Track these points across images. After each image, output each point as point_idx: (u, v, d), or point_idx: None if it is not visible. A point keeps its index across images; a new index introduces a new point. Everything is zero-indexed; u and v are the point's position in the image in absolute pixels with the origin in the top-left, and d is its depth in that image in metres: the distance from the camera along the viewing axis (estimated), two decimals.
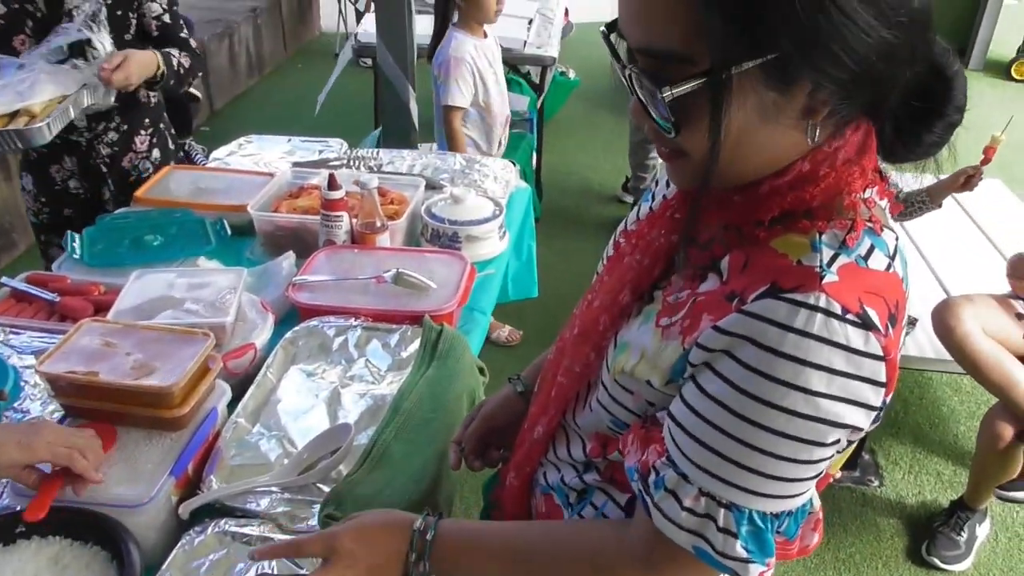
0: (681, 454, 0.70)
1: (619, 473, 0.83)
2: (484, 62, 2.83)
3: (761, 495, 0.68)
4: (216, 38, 5.06)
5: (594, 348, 0.83)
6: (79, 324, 1.19)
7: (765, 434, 0.65)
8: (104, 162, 1.99)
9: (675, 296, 0.75)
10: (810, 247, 0.66)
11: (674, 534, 0.71)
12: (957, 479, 2.57)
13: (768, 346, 0.64)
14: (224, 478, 1.11)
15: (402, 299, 1.51)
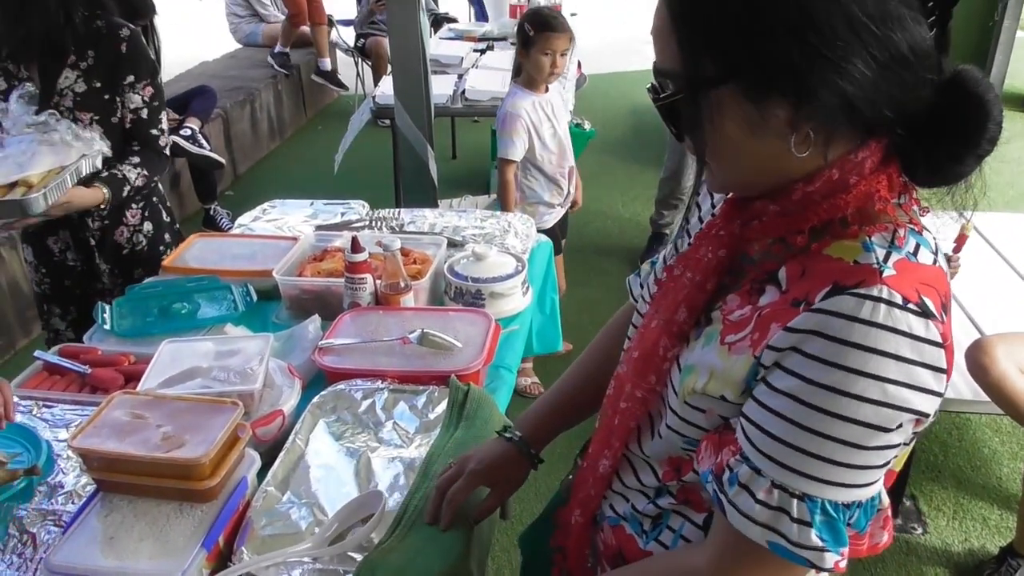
0: (754, 449, 0.73)
1: (694, 494, 0.86)
2: (540, 116, 2.91)
3: (832, 484, 0.71)
4: (238, 105, 5.21)
5: (655, 372, 0.86)
6: (110, 397, 1.20)
7: (836, 422, 0.69)
8: (94, 235, 2.02)
9: (737, 314, 0.79)
10: (862, 248, 0.71)
11: (748, 529, 0.73)
12: (1004, 524, 2.48)
13: (836, 337, 0.68)
14: (255, 549, 1.10)
15: (428, 359, 1.51)
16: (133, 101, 1.96)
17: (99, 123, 1.91)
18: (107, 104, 1.92)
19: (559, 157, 3.01)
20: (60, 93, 1.87)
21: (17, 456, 1.30)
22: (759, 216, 0.78)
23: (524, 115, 2.88)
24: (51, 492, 1.25)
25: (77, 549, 1.05)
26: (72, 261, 2.05)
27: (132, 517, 1.10)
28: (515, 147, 2.89)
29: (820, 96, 0.68)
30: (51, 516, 1.20)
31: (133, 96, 1.96)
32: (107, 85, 1.91)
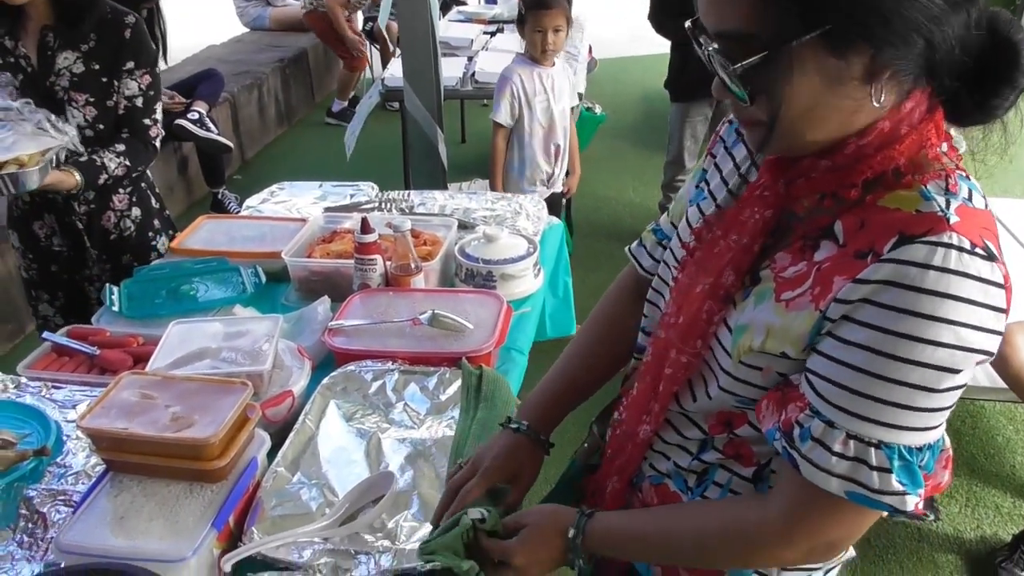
0: (826, 403, 0.74)
1: (744, 447, 0.87)
2: (536, 86, 2.92)
3: (907, 429, 0.72)
4: (245, 90, 5.18)
5: (702, 336, 0.85)
6: (119, 378, 1.19)
7: (912, 368, 0.70)
8: (81, 219, 2.00)
9: (791, 271, 0.79)
10: (921, 198, 0.72)
11: (825, 482, 0.74)
12: (1017, 512, 2.46)
13: (911, 285, 0.69)
14: (266, 529, 1.09)
15: (439, 341, 1.49)
16: (130, 88, 1.94)
17: (94, 105, 1.89)
18: (104, 87, 1.91)
19: (547, 132, 3.03)
20: (57, 73, 1.85)
21: (26, 436, 1.30)
22: (806, 173, 0.78)
23: (516, 79, 2.92)
24: (60, 473, 1.25)
25: (87, 529, 1.04)
26: (58, 246, 2.03)
27: (142, 497, 1.09)
28: (501, 110, 2.95)
29: (908, 40, 0.67)
30: (61, 496, 1.20)
31: (130, 83, 1.94)
32: (106, 69, 1.90)
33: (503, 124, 2.98)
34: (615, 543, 0.91)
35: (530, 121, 2.98)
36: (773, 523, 0.81)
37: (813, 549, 0.81)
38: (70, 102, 1.87)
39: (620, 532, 0.91)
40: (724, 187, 0.92)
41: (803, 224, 0.80)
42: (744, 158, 0.91)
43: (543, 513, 0.96)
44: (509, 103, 2.94)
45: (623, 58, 6.87)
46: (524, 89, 2.93)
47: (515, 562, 0.92)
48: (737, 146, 0.93)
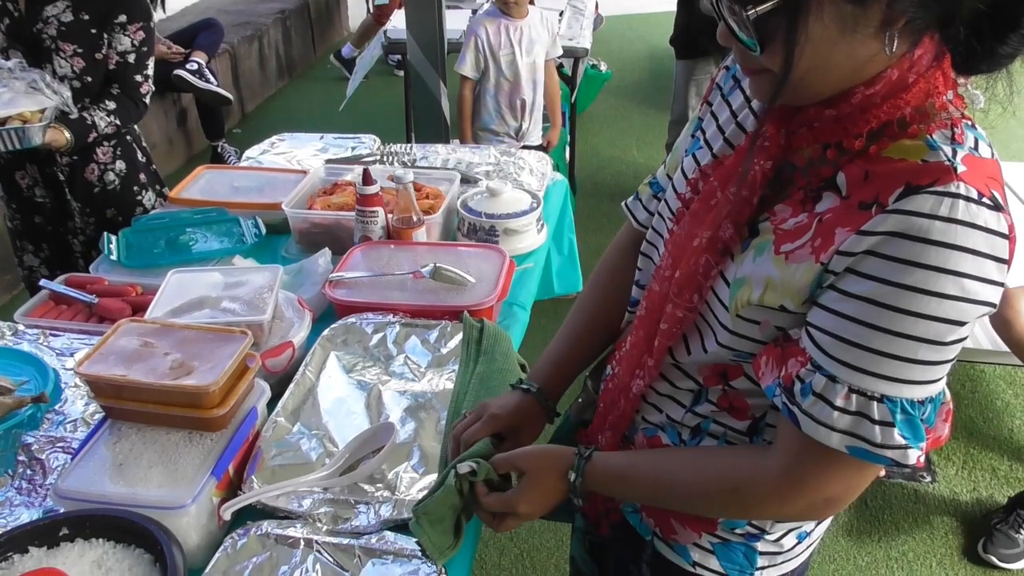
0: (828, 357, 0.72)
1: (739, 400, 0.86)
2: (502, 39, 2.89)
3: (910, 382, 0.71)
4: (245, 41, 5.09)
5: (698, 290, 0.83)
6: (117, 325, 1.17)
7: (916, 320, 0.68)
8: (63, 171, 1.97)
9: (792, 222, 0.76)
10: (927, 147, 0.70)
11: (826, 437, 0.73)
12: (1014, 475, 2.47)
13: (918, 236, 0.67)
14: (265, 479, 1.08)
15: (440, 294, 1.48)
16: (122, 43, 1.89)
17: (81, 56, 1.84)
18: (93, 39, 1.85)
19: (512, 87, 3.02)
20: (44, 20, 1.80)
21: (24, 384, 1.29)
22: (810, 123, 0.75)
23: (481, 32, 2.94)
24: (59, 420, 1.24)
25: (86, 475, 1.04)
26: (40, 197, 2.00)
27: (141, 445, 1.08)
28: (466, 62, 2.98)
29: None
30: (59, 443, 1.19)
31: (123, 38, 1.89)
32: (96, 20, 1.84)
33: (468, 76, 3.00)
34: (613, 484, 0.92)
35: (496, 74, 3.00)
36: (771, 478, 0.80)
37: (812, 505, 0.80)
38: (57, 51, 1.82)
39: (618, 474, 0.91)
40: (720, 136, 0.89)
41: (804, 175, 0.77)
42: (741, 105, 0.88)
43: (539, 457, 0.95)
44: (474, 55, 2.95)
45: (630, 15, 6.74)
46: (489, 42, 2.93)
47: (520, 511, 0.93)
48: (733, 93, 0.90)
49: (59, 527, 0.96)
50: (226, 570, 0.97)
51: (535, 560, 2.21)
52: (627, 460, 0.93)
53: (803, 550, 0.98)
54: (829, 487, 0.78)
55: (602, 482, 0.91)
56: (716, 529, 0.94)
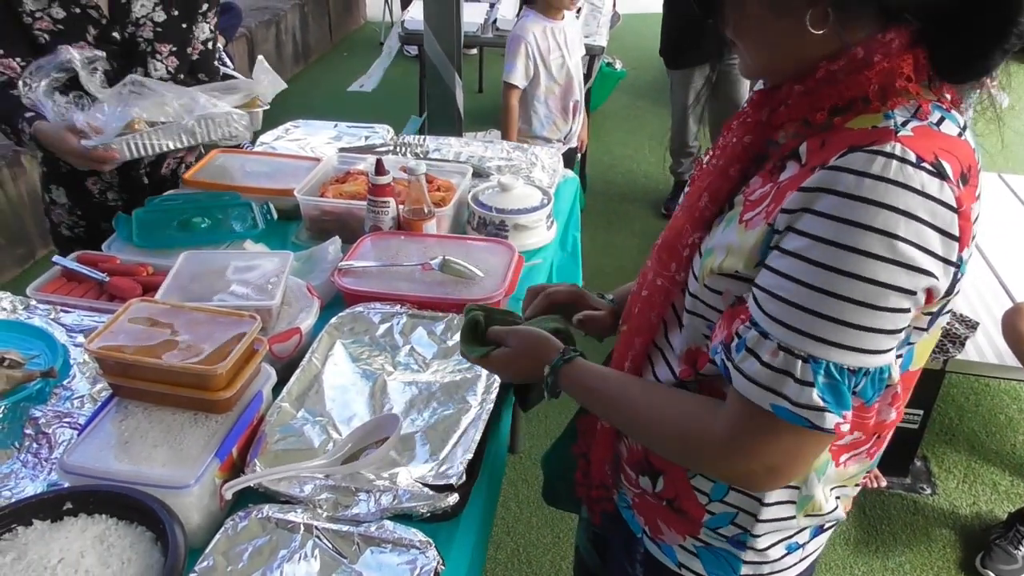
0: (762, 313, 0.74)
1: (715, 386, 0.86)
2: (550, 43, 2.83)
3: (838, 345, 0.70)
4: (263, 26, 5.10)
5: (676, 259, 0.86)
6: (128, 304, 1.18)
7: (843, 279, 0.68)
8: (145, 171, 1.90)
9: (758, 193, 0.79)
10: (883, 118, 0.71)
11: (751, 392, 0.74)
12: (1015, 490, 2.47)
13: (846, 192, 0.68)
14: (268, 462, 1.09)
15: (448, 287, 1.48)
16: (203, 32, 1.82)
17: (176, 55, 1.76)
18: (184, 34, 1.76)
19: (564, 90, 2.94)
20: (136, 23, 1.69)
21: (34, 358, 1.30)
22: (785, 100, 0.78)
23: (531, 39, 2.82)
24: (67, 395, 1.25)
25: (92, 451, 1.05)
26: (113, 201, 1.88)
27: (147, 424, 1.09)
28: (516, 71, 2.85)
29: None
30: (67, 418, 1.20)
31: (203, 26, 1.81)
32: (184, 14, 1.75)
33: (517, 86, 2.88)
34: (579, 391, 0.96)
35: (547, 80, 2.89)
36: (716, 434, 0.80)
37: (751, 472, 0.79)
38: (154, 55, 1.73)
39: (588, 384, 0.95)
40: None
41: (777, 150, 0.80)
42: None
43: (527, 338, 1.03)
44: (524, 63, 2.83)
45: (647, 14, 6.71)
46: (539, 48, 2.82)
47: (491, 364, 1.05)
48: None
49: (63, 501, 0.98)
50: (226, 551, 0.98)
51: (531, 555, 2.22)
52: (600, 375, 0.95)
53: (794, 562, 0.96)
54: (768, 453, 0.77)
55: (572, 385, 0.96)
56: (699, 532, 0.94)
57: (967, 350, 2.25)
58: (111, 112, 1.58)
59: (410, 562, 0.97)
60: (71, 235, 1.92)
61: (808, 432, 0.74)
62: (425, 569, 0.96)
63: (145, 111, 1.62)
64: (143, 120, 1.63)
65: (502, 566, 2.18)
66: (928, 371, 2.21)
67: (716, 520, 0.92)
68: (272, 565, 0.97)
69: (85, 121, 1.56)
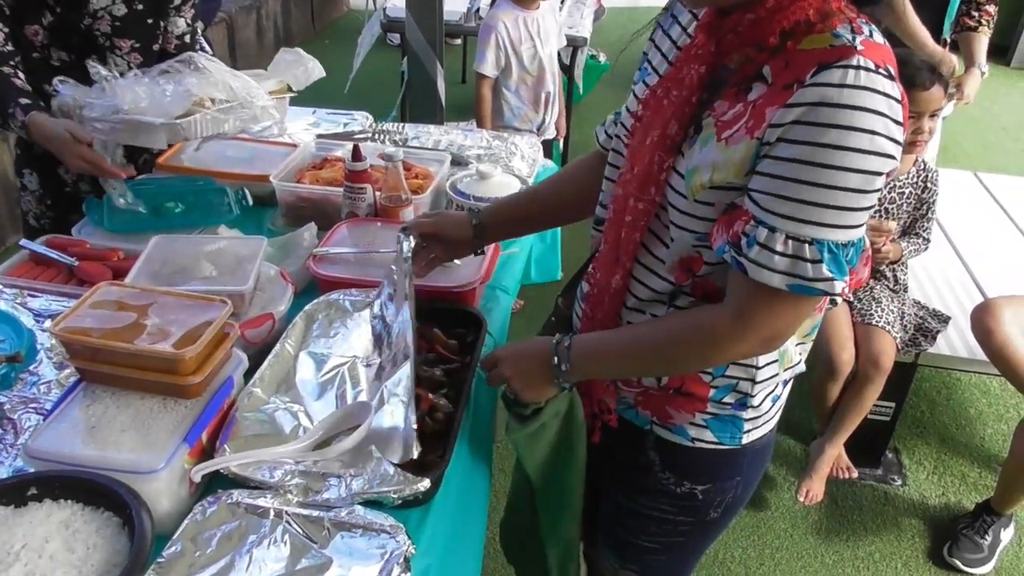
0: (768, 212, 0.86)
1: (708, 284, 0.99)
2: (522, 33, 2.82)
3: (835, 227, 0.85)
4: (244, 11, 5.04)
5: (655, 183, 0.96)
6: (96, 287, 1.17)
7: (838, 173, 0.82)
8: (120, 163, 1.76)
9: (730, 113, 0.90)
10: (832, 37, 0.84)
11: (770, 279, 0.88)
12: (982, 482, 2.51)
13: (833, 102, 0.81)
14: (238, 448, 1.08)
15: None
16: (178, 26, 1.77)
17: (139, 51, 1.71)
18: (150, 30, 1.69)
19: (536, 81, 2.95)
20: (94, 15, 1.63)
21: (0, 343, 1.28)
22: (734, 29, 0.89)
23: (501, 28, 2.83)
24: (33, 381, 1.23)
25: (58, 436, 1.03)
26: (86, 192, 1.83)
27: (115, 408, 1.08)
28: (487, 60, 2.86)
29: None
30: (32, 404, 1.19)
31: (178, 20, 1.76)
32: (151, 8, 1.69)
33: (488, 75, 2.89)
34: (592, 363, 1.06)
35: (518, 70, 2.90)
36: (728, 322, 0.94)
37: (763, 340, 0.95)
38: (112, 49, 1.67)
39: (595, 349, 1.05)
40: (665, 61, 1.03)
41: (734, 75, 0.91)
42: (679, 34, 1.03)
43: (514, 344, 1.13)
44: (495, 53, 2.85)
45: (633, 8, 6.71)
46: (510, 37, 2.83)
47: (499, 353, 1.10)
48: (673, 27, 1.05)
49: (27, 486, 0.96)
50: (194, 536, 0.97)
51: None
52: (598, 337, 1.07)
53: (775, 413, 1.15)
54: (774, 323, 0.93)
55: (584, 356, 1.05)
56: (707, 407, 1.08)
57: (939, 344, 2.28)
58: (174, 91, 1.53)
59: (380, 547, 0.97)
60: (37, 226, 1.86)
61: (807, 300, 0.90)
62: (396, 553, 0.96)
63: (200, 90, 1.59)
64: (207, 99, 1.59)
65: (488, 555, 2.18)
66: (901, 365, 2.24)
67: (720, 392, 1.07)
68: (241, 550, 0.96)
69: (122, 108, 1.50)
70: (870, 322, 2.20)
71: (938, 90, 2.07)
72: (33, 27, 1.60)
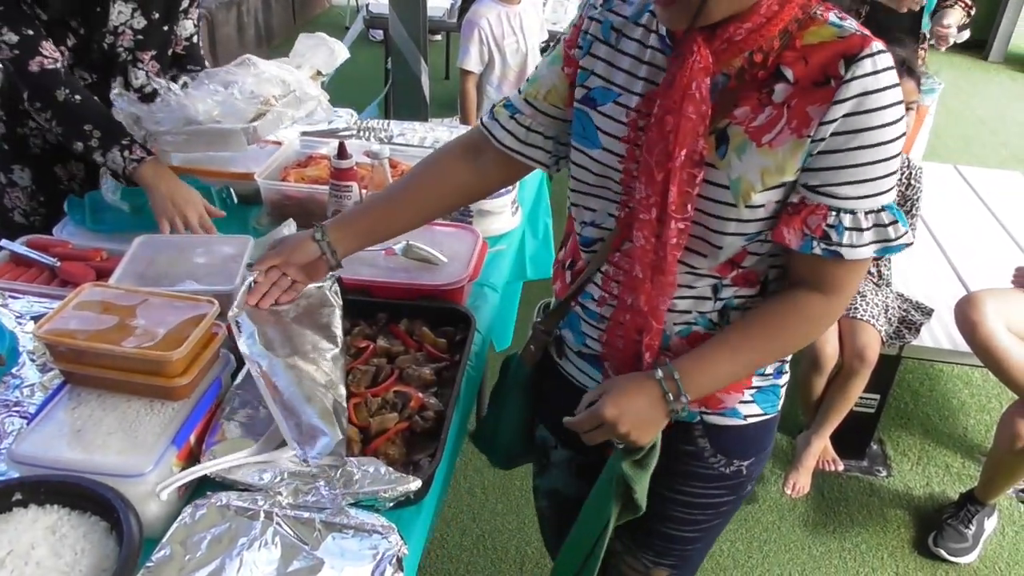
0: (846, 199, 0.93)
1: (749, 274, 1.03)
2: (505, 28, 2.82)
3: (890, 190, 0.95)
4: (224, 7, 5.00)
5: (691, 201, 0.97)
6: (80, 288, 1.15)
7: (887, 146, 0.91)
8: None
9: (762, 118, 0.94)
10: (833, 27, 0.91)
11: (863, 253, 0.95)
12: (966, 472, 2.54)
13: (873, 90, 0.89)
14: (226, 450, 1.07)
15: (412, 272, 1.47)
16: (186, 28, 1.76)
17: (156, 59, 1.70)
18: (166, 36, 1.69)
19: (519, 76, 2.96)
20: (115, 32, 1.61)
21: None
22: (731, 39, 0.92)
23: (484, 24, 2.84)
24: (15, 384, 1.22)
25: (43, 440, 1.01)
26: (79, 194, 1.78)
27: (100, 411, 1.06)
28: (470, 56, 2.87)
29: None
30: (16, 407, 1.17)
31: (186, 23, 1.76)
32: (164, 16, 1.68)
33: (472, 71, 2.90)
34: (707, 375, 1.04)
35: (501, 65, 2.90)
36: (826, 301, 1.01)
37: (847, 304, 1.05)
38: (135, 63, 1.66)
39: (709, 370, 1.03)
40: (637, 80, 1.01)
41: (744, 84, 0.94)
42: (638, 49, 1.02)
43: (612, 383, 1.05)
44: (478, 48, 2.85)
45: None
46: (493, 33, 2.84)
47: (603, 413, 1.01)
48: (623, 42, 1.03)
49: (12, 492, 0.95)
50: (183, 540, 0.96)
51: (496, 541, 2.22)
52: (700, 355, 1.04)
53: (788, 375, 1.19)
54: (857, 286, 1.02)
55: (699, 387, 1.03)
56: (752, 382, 1.11)
57: (922, 336, 2.30)
58: (242, 95, 1.53)
59: (372, 547, 0.96)
60: (26, 222, 1.84)
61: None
62: (388, 554, 0.96)
63: (262, 90, 1.58)
64: (271, 97, 1.59)
65: (468, 551, 2.19)
66: (885, 357, 2.26)
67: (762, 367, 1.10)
68: (231, 553, 0.95)
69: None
70: (855, 316, 2.22)
71: (908, 83, 2.08)
72: (60, 48, 1.58)
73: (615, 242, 1.07)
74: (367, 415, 1.17)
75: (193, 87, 1.59)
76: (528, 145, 1.15)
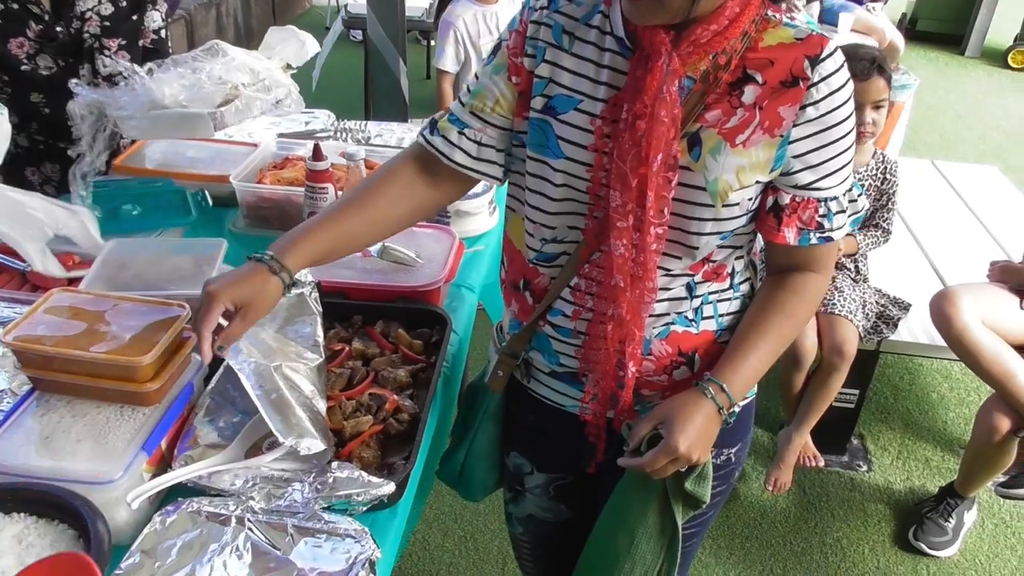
0: (829, 190, 1.01)
1: (718, 268, 1.07)
2: (481, 28, 2.82)
3: (850, 171, 1.04)
4: (203, 8, 4.96)
5: (667, 205, 0.98)
6: (48, 293, 1.14)
7: (851, 134, 1.00)
8: None
9: (734, 120, 0.96)
10: (789, 28, 0.96)
11: (845, 231, 1.06)
12: (946, 466, 2.56)
13: (837, 87, 0.95)
14: (198, 456, 1.06)
15: (388, 274, 1.46)
16: (154, 20, 1.75)
17: (126, 48, 1.68)
18: (134, 26, 1.69)
19: None
20: (82, 17, 1.61)
21: None
22: (697, 41, 0.93)
23: (460, 24, 2.85)
24: None
25: (10, 448, 1.00)
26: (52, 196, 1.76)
27: (70, 418, 1.05)
28: (446, 56, 2.88)
29: None
30: None
31: (154, 14, 1.75)
32: (132, 4, 1.68)
33: (448, 71, 2.90)
34: (748, 382, 1.08)
35: (478, 65, 2.89)
36: (828, 278, 1.12)
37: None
38: (101, 50, 1.64)
39: (745, 372, 1.06)
40: (598, 84, 0.99)
41: (710, 88, 0.95)
42: (594, 53, 0.99)
43: (669, 404, 1.04)
44: (454, 48, 2.86)
45: None
46: (468, 32, 2.85)
47: (676, 449, 1.01)
48: (577, 45, 1.00)
49: None
50: (153, 547, 0.95)
51: (478, 542, 2.22)
52: (732, 359, 1.06)
53: None
54: (835, 256, 1.13)
55: (741, 391, 1.07)
56: None
57: (900, 331, 2.32)
58: (210, 80, 1.48)
59: (345, 552, 0.96)
60: None
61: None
62: (361, 558, 0.95)
63: (230, 76, 1.54)
64: (239, 84, 1.55)
65: (450, 553, 2.18)
66: (864, 352, 2.28)
67: None
68: (202, 559, 0.94)
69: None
70: (833, 311, 2.23)
71: (879, 81, 2.09)
72: (18, 40, 1.56)
73: (583, 254, 1.05)
74: (341, 418, 1.16)
75: (160, 72, 1.56)
76: (482, 161, 1.09)
